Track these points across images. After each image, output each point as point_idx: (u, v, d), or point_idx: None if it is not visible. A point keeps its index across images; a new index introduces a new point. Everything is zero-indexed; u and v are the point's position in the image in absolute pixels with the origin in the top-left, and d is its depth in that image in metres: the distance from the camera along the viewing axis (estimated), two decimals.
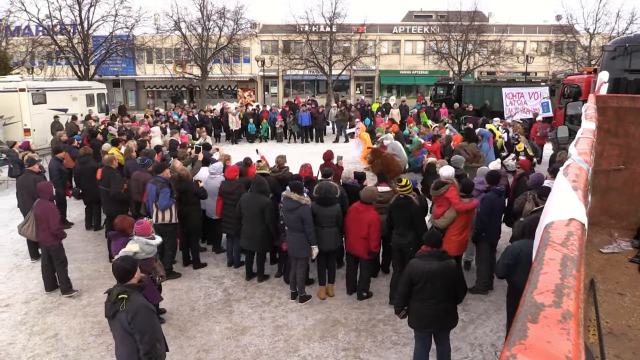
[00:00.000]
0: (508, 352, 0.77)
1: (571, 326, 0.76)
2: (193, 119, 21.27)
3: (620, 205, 7.24)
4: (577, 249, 1.02)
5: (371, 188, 7.25)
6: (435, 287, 5.07)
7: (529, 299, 0.83)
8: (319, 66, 34.48)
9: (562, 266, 0.95)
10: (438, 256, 5.15)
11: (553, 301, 0.82)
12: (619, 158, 7.05)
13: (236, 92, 44.78)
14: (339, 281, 7.84)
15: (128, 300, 4.18)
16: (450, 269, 5.13)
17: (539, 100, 22.70)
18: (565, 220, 1.19)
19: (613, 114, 6.75)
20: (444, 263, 5.12)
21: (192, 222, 8.34)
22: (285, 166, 9.17)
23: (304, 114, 22.46)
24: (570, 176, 1.58)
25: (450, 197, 6.88)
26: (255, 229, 7.57)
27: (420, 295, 5.16)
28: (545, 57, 41.74)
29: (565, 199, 1.28)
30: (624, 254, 6.87)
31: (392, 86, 45.71)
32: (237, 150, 19.76)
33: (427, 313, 5.18)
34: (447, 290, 5.12)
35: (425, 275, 5.08)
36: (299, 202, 6.90)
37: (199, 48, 32.75)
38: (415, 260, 5.22)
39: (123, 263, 4.38)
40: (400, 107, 24.42)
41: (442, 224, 7.02)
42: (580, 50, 36.60)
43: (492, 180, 7.15)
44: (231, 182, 8.28)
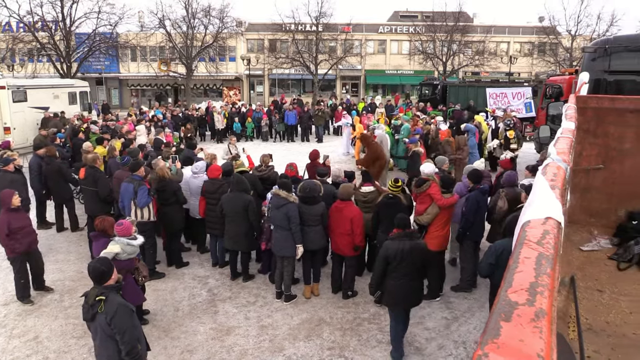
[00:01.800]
0: (480, 351, 0.78)
1: (544, 324, 0.77)
2: (177, 117, 21.09)
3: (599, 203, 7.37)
4: (553, 248, 1.03)
5: (348, 185, 7.38)
6: (408, 265, 5.56)
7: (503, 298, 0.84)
8: (305, 65, 34.47)
9: (537, 265, 0.96)
10: (409, 236, 5.64)
11: (527, 299, 0.83)
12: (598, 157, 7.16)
13: (222, 91, 44.53)
14: (324, 280, 7.84)
15: (106, 301, 4.13)
16: (420, 248, 5.62)
17: (522, 100, 23.02)
18: (542, 219, 1.20)
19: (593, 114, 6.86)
20: (415, 242, 5.62)
21: (172, 222, 8.28)
22: (270, 165, 9.14)
23: (289, 113, 22.43)
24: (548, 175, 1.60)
25: (432, 194, 6.97)
26: (238, 228, 7.53)
27: (395, 273, 5.61)
28: (528, 57, 42.25)
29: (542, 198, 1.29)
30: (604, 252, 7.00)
31: (377, 86, 45.85)
32: (222, 149, 19.61)
33: (400, 290, 5.63)
34: (418, 267, 5.64)
35: (399, 253, 5.53)
36: (286, 199, 6.89)
37: (184, 46, 32.51)
38: (389, 242, 5.68)
39: (98, 264, 4.32)
40: (386, 106, 24.55)
41: (425, 220, 7.08)
42: (562, 52, 37.13)
43: (475, 179, 7.21)
44: (214, 182, 8.23)
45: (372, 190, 7.86)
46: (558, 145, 2.32)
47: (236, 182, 7.58)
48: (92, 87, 42.41)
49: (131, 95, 44.64)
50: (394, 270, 5.59)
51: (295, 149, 20.12)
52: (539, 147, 13.62)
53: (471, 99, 23.57)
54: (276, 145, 21.47)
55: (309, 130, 23.74)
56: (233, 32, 35.92)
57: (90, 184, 8.80)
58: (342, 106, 25.31)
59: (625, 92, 7.74)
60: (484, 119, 17.23)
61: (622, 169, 7.21)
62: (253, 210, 7.45)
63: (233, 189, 7.58)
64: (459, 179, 9.45)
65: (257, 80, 44.98)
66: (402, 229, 5.70)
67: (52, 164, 10.00)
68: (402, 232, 5.67)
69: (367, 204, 7.77)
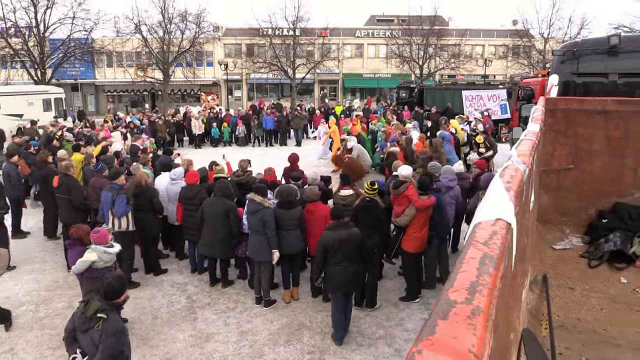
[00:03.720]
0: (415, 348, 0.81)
1: (479, 321, 0.80)
2: (154, 123, 20.91)
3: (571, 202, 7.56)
4: (499, 248, 1.07)
5: (311, 188, 7.52)
6: (345, 252, 6.04)
7: (443, 297, 0.88)
8: (282, 70, 34.44)
9: (480, 265, 1.00)
10: (344, 226, 6.14)
11: (465, 298, 0.86)
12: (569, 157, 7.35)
13: (199, 96, 44.23)
14: (304, 284, 7.85)
15: (106, 320, 4.11)
16: (355, 236, 6.10)
17: (497, 102, 23.42)
18: (492, 220, 1.25)
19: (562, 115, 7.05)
20: (350, 231, 6.10)
21: (149, 229, 8.21)
22: (248, 170, 9.14)
23: (267, 117, 22.43)
24: (505, 177, 1.65)
25: (409, 195, 7.04)
26: (216, 234, 7.49)
27: (335, 260, 6.09)
28: (503, 60, 42.94)
29: (495, 200, 1.35)
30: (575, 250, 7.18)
31: (355, 89, 46.10)
32: (200, 154, 19.51)
33: (341, 275, 6.10)
34: (354, 254, 6.12)
35: (336, 242, 6.01)
36: (261, 205, 6.90)
37: (161, 51, 32.19)
38: (327, 232, 6.16)
39: (115, 282, 4.36)
40: (363, 110, 24.73)
41: (403, 221, 7.15)
42: (536, 54, 37.87)
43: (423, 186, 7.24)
44: (191, 188, 8.19)
45: (351, 193, 7.91)
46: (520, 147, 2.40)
47: (221, 187, 7.55)
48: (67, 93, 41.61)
49: (107, 101, 44.03)
50: (333, 257, 6.09)
51: (273, 153, 20.11)
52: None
53: (448, 102, 23.88)
54: (255, 150, 21.42)
55: (288, 135, 23.74)
56: (210, 37, 35.70)
57: (64, 192, 8.66)
58: (320, 110, 25.40)
59: (594, 94, 7.97)
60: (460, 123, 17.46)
61: (591, 169, 7.42)
62: (234, 217, 7.44)
63: (217, 193, 7.55)
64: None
65: (235, 85, 44.82)
66: (337, 219, 6.24)
67: (44, 169, 9.87)
68: (337, 223, 6.20)
69: (346, 207, 7.82)
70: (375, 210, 6.96)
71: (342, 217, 6.28)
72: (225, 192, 7.54)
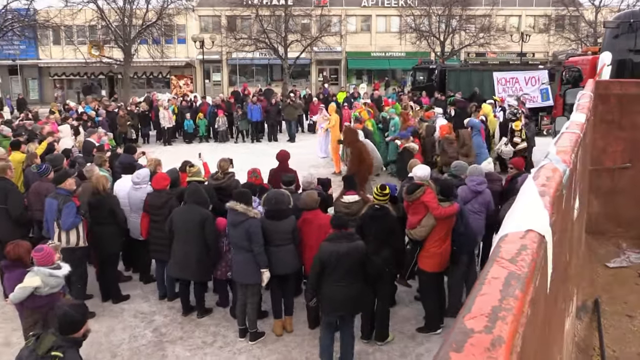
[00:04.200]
0: None
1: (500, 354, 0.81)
2: (113, 115, 20.93)
3: (628, 210, 7.56)
4: (528, 265, 1.09)
5: (309, 193, 7.56)
6: (345, 269, 6.12)
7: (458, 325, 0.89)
8: (272, 48, 34.54)
9: (504, 286, 1.01)
10: (347, 237, 6.22)
11: (484, 326, 0.87)
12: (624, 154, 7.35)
13: (169, 81, 44.30)
14: (299, 313, 7.85)
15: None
16: (358, 250, 6.19)
17: (536, 87, 23.47)
18: (521, 232, 1.27)
19: (616, 102, 7.05)
20: (353, 244, 6.17)
21: (107, 246, 8.21)
22: (230, 172, 9.15)
23: (253, 107, 22.46)
24: (540, 180, 1.67)
25: (427, 202, 7.03)
26: (189, 250, 7.48)
27: (333, 277, 6.16)
28: (544, 34, 43.06)
29: (527, 207, 1.36)
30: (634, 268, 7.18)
31: (362, 71, 46.22)
32: (170, 153, 19.55)
33: (339, 296, 6.19)
34: (356, 271, 6.21)
35: (336, 255, 6.07)
36: (245, 215, 6.90)
37: (121, 25, 32.25)
38: (325, 244, 6.23)
39: (73, 312, 4.30)
40: (372, 98, 24.73)
41: (420, 234, 7.14)
42: (585, 26, 38.00)
43: (446, 192, 7.27)
44: (160, 194, 8.18)
45: (357, 199, 7.93)
46: (560, 142, 2.41)
47: (192, 192, 7.55)
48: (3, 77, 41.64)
49: (54, 87, 44.09)
50: (330, 274, 6.18)
51: (261, 150, 20.13)
52: None
53: (476, 86, 23.92)
54: (238, 148, 21.45)
55: (278, 128, 23.77)
56: (182, 8, 35.76)
57: (1, 200, 8.65)
58: (318, 97, 25.46)
59: None
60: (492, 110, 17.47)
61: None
62: (210, 228, 7.43)
63: (188, 200, 7.56)
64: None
65: (214, 67, 44.92)
66: (339, 229, 6.31)
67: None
68: (338, 233, 6.27)
69: (350, 216, 7.82)
70: (385, 221, 6.98)
71: (344, 227, 6.38)
72: (197, 197, 7.54)
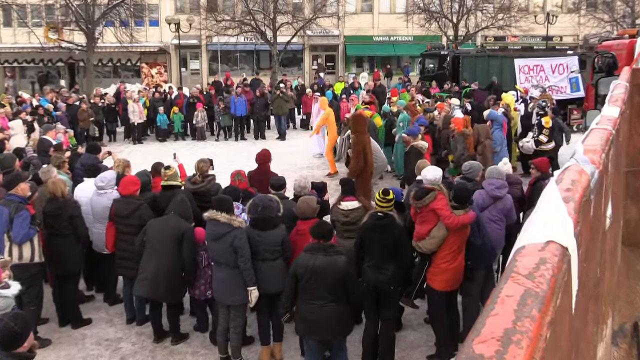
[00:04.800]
0: None
1: None
2: (73, 108, 20.90)
3: None
4: (548, 282, 1.09)
5: (308, 198, 7.56)
6: (318, 286, 6.17)
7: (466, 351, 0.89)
8: (258, 31, 34.51)
9: (519, 305, 1.02)
10: (324, 250, 6.24)
11: (496, 351, 0.87)
12: None
13: (139, 69, 44.25)
14: (289, 338, 7.84)
15: None
16: (337, 266, 6.18)
17: (565, 75, 23.50)
18: (540, 244, 1.28)
19: None
20: (331, 259, 6.18)
21: (66, 261, 8.19)
22: (210, 175, 9.15)
23: (237, 99, 22.44)
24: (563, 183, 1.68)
25: (437, 209, 7.02)
26: (161, 266, 7.45)
27: (304, 295, 6.28)
28: (573, 15, 43.16)
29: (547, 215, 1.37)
30: None
31: (362, 58, 46.29)
32: (141, 152, 19.54)
33: (313, 317, 6.27)
34: (334, 289, 6.21)
35: (309, 270, 6.13)
36: (229, 225, 6.89)
37: (83, 4, 32.22)
38: (301, 255, 6.35)
39: (12, 323, 4.30)
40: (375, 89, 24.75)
41: (429, 246, 7.14)
42: (621, 5, 38.11)
43: (461, 200, 7.25)
44: (128, 201, 8.18)
45: (357, 206, 7.92)
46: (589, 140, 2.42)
47: (178, 203, 7.54)
48: None
49: (5, 76, 43.94)
50: (303, 290, 6.28)
51: (246, 150, 20.10)
52: None
53: (494, 75, 23.99)
54: (219, 147, 21.46)
55: (266, 124, 23.77)
56: None
57: None
58: (312, 89, 25.48)
59: None
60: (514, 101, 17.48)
61: None
62: (189, 243, 7.42)
63: (173, 210, 7.52)
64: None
65: (191, 54, 44.93)
66: (318, 240, 6.35)
67: None
68: (315, 244, 6.32)
69: (350, 226, 7.84)
70: (390, 231, 6.98)
71: (324, 238, 6.41)
72: (183, 210, 7.52)
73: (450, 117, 14.43)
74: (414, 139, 12.06)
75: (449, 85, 24.07)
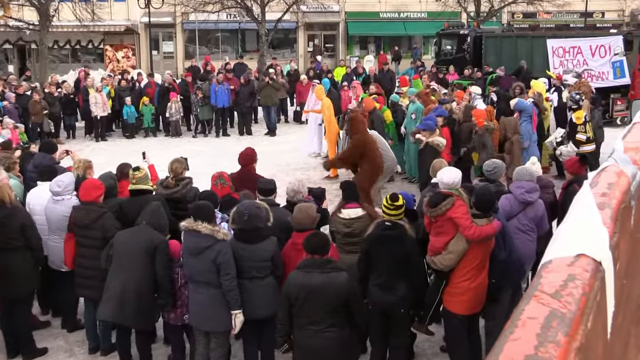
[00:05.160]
0: None
1: None
2: (24, 99, 20.85)
3: None
4: (577, 302, 1.11)
5: (306, 205, 7.54)
6: (317, 308, 6.15)
7: None
8: (243, 7, 34.53)
9: (543, 328, 1.05)
10: (320, 266, 6.20)
11: None
12: None
13: (102, 52, 44.21)
14: None
15: None
16: (338, 284, 6.16)
17: (607, 59, 23.47)
18: (570, 258, 1.31)
19: None
20: (330, 276, 6.15)
21: (17, 280, 8.18)
22: (185, 178, 9.15)
23: (219, 87, 22.40)
24: (599, 187, 1.70)
25: (456, 218, 6.99)
26: (129, 285, 7.44)
27: (300, 320, 6.23)
28: None
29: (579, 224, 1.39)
30: None
31: (367, 39, 46.28)
32: (106, 151, 19.54)
33: (311, 344, 6.24)
34: (334, 312, 6.19)
35: (304, 291, 6.11)
36: (212, 238, 6.88)
37: None
38: (293, 274, 6.32)
39: None
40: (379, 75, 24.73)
41: (447, 262, 7.11)
42: None
43: (483, 206, 7.23)
44: (89, 208, 8.18)
45: (361, 214, 7.92)
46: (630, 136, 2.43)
47: (151, 211, 7.51)
48: None
49: None
50: (298, 314, 6.23)
51: (229, 148, 20.09)
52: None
53: (523, 59, 23.99)
54: (198, 144, 21.46)
55: (253, 117, 23.75)
56: None
57: None
58: (308, 75, 25.46)
59: None
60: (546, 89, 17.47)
61: None
62: (163, 258, 7.37)
63: (145, 220, 7.48)
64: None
65: (164, 34, 44.91)
66: (312, 255, 6.29)
67: None
68: (309, 260, 6.27)
69: (352, 238, 7.83)
70: (399, 244, 6.99)
71: (322, 251, 6.35)
72: (156, 220, 7.47)
73: (471, 107, 14.38)
74: (430, 135, 11.92)
75: (470, 70, 24.04)
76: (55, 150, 11.10)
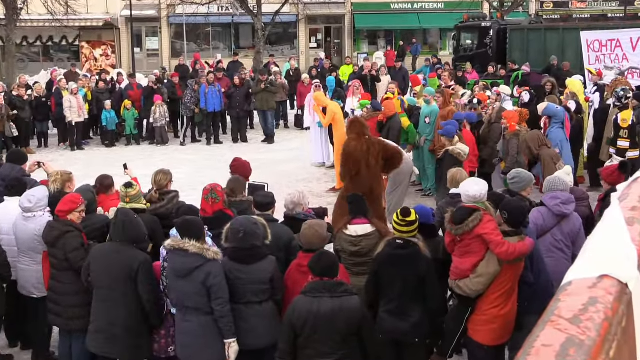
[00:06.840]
0: None
1: None
2: None
3: None
4: (598, 328, 1.13)
5: (315, 223, 7.47)
6: (326, 338, 6.13)
7: None
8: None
9: (558, 356, 1.06)
10: (330, 290, 6.17)
11: None
12: None
13: (78, 50, 44.31)
14: None
15: None
16: (351, 309, 6.16)
17: None
18: (592, 279, 1.32)
19: None
20: (340, 300, 6.13)
21: None
22: (171, 191, 9.17)
23: (209, 89, 22.41)
24: (629, 200, 1.71)
25: (486, 234, 6.94)
26: (115, 315, 7.45)
27: (306, 352, 6.18)
28: None
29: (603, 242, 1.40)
30: None
31: (376, 33, 46.34)
32: (82, 162, 19.57)
33: None
34: (344, 342, 6.19)
35: (312, 319, 6.07)
36: (202, 257, 6.88)
37: None
38: (300, 298, 6.28)
39: None
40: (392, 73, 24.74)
41: (475, 287, 7.06)
42: None
43: (515, 219, 7.17)
44: (53, 225, 8.05)
45: (370, 231, 7.91)
46: None
47: (121, 225, 7.46)
48: None
49: None
50: (304, 346, 6.19)
51: (221, 157, 20.08)
52: None
53: (553, 54, 23.99)
54: (186, 153, 21.50)
55: (248, 122, 23.79)
56: None
57: None
58: (310, 75, 25.48)
59: None
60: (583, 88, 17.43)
61: None
62: (147, 279, 7.33)
63: (116, 237, 7.44)
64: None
65: (148, 29, 45.05)
66: (320, 277, 6.25)
67: None
68: (317, 283, 6.23)
69: (359, 257, 7.83)
70: (413, 264, 6.98)
71: (331, 274, 6.34)
72: (130, 232, 7.43)
73: (502, 109, 14.35)
74: (450, 142, 11.76)
75: (494, 68, 24.02)
76: (24, 160, 11.10)
